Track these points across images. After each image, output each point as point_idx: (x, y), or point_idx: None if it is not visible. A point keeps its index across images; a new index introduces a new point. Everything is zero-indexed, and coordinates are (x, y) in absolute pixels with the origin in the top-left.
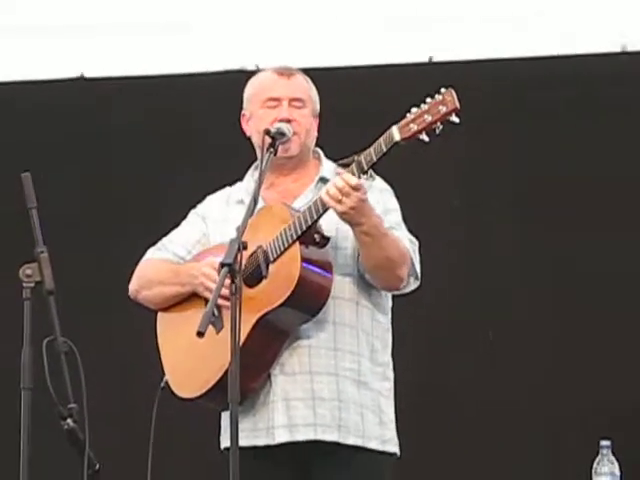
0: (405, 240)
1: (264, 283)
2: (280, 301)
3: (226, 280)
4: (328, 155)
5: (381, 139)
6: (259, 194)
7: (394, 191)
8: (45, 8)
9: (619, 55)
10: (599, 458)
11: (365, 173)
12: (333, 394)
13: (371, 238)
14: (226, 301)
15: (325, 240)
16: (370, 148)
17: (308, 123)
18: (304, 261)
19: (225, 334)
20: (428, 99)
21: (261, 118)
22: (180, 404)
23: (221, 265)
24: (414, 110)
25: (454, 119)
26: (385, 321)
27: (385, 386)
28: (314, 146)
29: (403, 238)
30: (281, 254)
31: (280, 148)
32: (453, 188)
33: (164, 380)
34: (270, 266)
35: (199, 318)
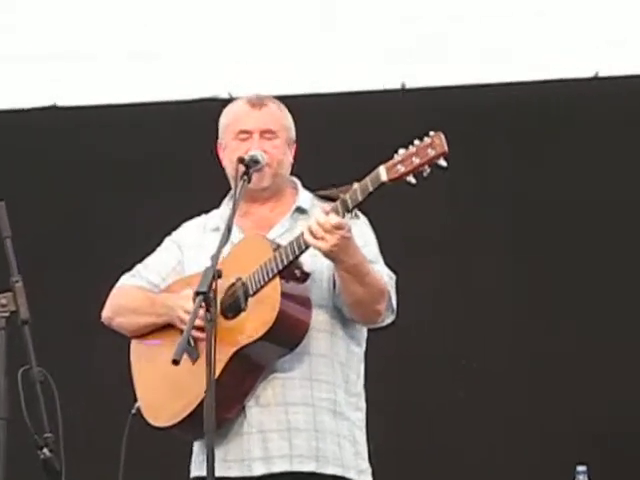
0: (384, 274)
1: (242, 316)
2: (259, 335)
3: (200, 310)
4: (303, 183)
5: (368, 179)
6: (233, 222)
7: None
8: (17, 37)
9: (591, 80)
10: None
11: (350, 212)
12: (309, 425)
13: (353, 276)
14: (201, 332)
15: (305, 275)
16: (356, 186)
17: (280, 153)
18: (284, 296)
19: (200, 364)
20: (416, 141)
21: (233, 150)
22: (151, 431)
23: (196, 294)
24: (402, 151)
25: (442, 163)
26: (359, 351)
27: (358, 416)
28: (290, 174)
29: (382, 272)
30: (261, 288)
31: (254, 177)
32: (432, 216)
33: (135, 406)
34: (249, 299)
35: (174, 348)
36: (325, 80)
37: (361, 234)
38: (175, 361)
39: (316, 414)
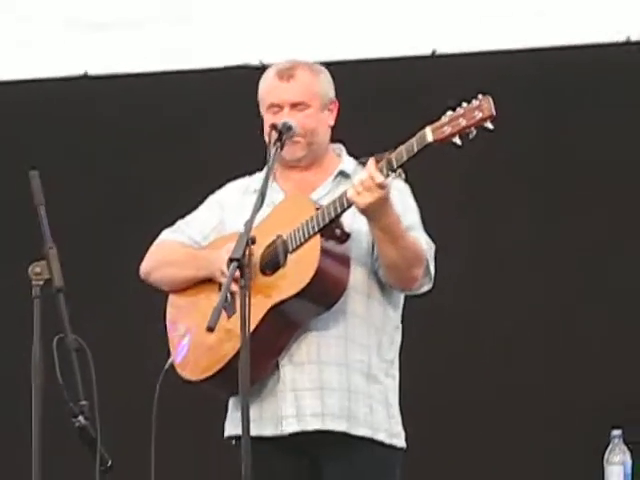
0: (422, 241)
1: (280, 272)
2: (296, 291)
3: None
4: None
5: (413, 139)
6: (267, 189)
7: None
8: (47, 6)
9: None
10: (610, 447)
11: (394, 171)
12: (342, 384)
13: (387, 236)
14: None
15: (345, 236)
16: (402, 147)
17: (313, 122)
18: (323, 254)
19: (236, 320)
20: (464, 103)
21: (267, 122)
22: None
23: (230, 260)
24: (449, 113)
25: (489, 126)
26: (395, 318)
27: (390, 382)
28: (331, 139)
29: (420, 239)
30: (300, 245)
31: (288, 149)
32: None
33: (168, 362)
34: (288, 256)
35: (211, 302)
36: (356, 47)
37: (402, 201)
38: (210, 328)
39: (349, 375)
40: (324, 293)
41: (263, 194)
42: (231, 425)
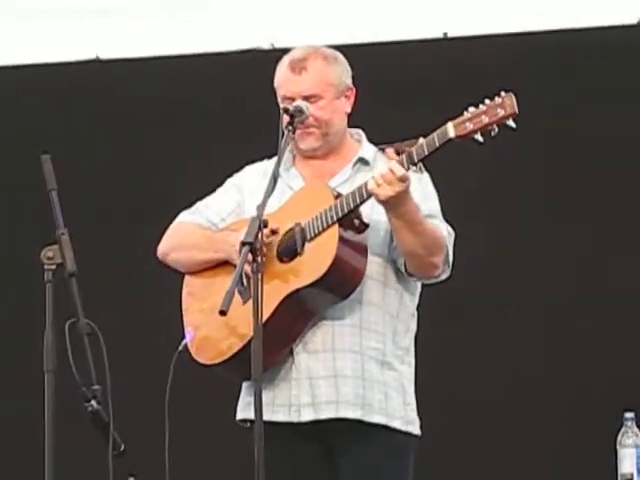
0: (442, 228)
1: (298, 260)
2: (313, 279)
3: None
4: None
5: (435, 134)
6: (278, 172)
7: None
8: None
9: (634, 27)
10: (623, 430)
11: (415, 165)
12: (357, 372)
13: (405, 223)
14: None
15: (364, 226)
16: (423, 141)
17: (327, 113)
18: (341, 243)
19: (251, 305)
20: (487, 100)
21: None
22: (197, 373)
23: (242, 244)
24: (471, 109)
25: (511, 124)
26: (411, 306)
27: (406, 369)
28: (348, 125)
29: (440, 226)
30: (319, 234)
31: (302, 140)
32: (472, 171)
33: (182, 344)
34: (306, 244)
35: (227, 285)
36: (366, 30)
37: (421, 189)
38: (222, 312)
39: (364, 362)
40: (341, 282)
41: (275, 178)
42: (243, 409)
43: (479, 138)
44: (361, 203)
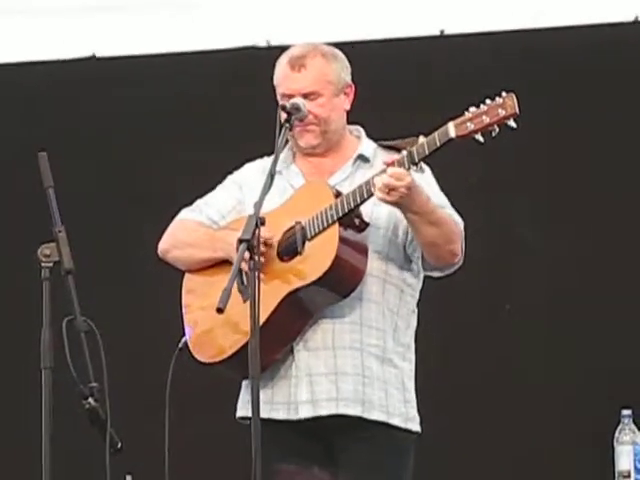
0: (456, 216)
1: (298, 259)
2: (313, 278)
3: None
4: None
5: (436, 133)
6: (275, 170)
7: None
8: None
9: (632, 24)
10: (620, 427)
11: (415, 165)
12: (357, 369)
13: (421, 217)
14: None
15: (364, 225)
16: (424, 140)
17: (326, 111)
18: (341, 243)
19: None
20: (487, 100)
21: None
22: (197, 370)
23: (239, 241)
24: (472, 109)
25: (512, 124)
26: (411, 302)
27: (407, 366)
28: (347, 122)
29: (454, 215)
30: (319, 233)
31: (301, 138)
32: (470, 165)
33: (182, 341)
34: (306, 243)
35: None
36: (363, 27)
37: (426, 184)
38: (219, 309)
39: (364, 359)
40: (341, 281)
41: (272, 176)
42: (243, 407)
43: (480, 138)
44: (362, 202)
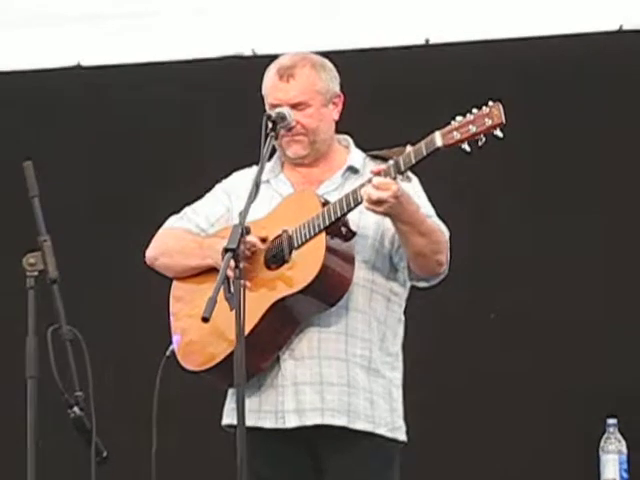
0: (442, 226)
1: (285, 267)
2: (300, 287)
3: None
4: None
5: (422, 143)
6: (260, 180)
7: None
8: None
9: (615, 34)
10: (606, 436)
11: (402, 174)
12: (342, 379)
13: (411, 227)
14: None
15: (351, 234)
16: (410, 150)
17: (315, 121)
18: (328, 252)
19: None
20: (474, 110)
21: None
22: (183, 378)
23: (225, 250)
24: (459, 118)
25: (498, 134)
26: (398, 310)
27: (395, 375)
28: (335, 132)
29: (439, 224)
30: (306, 241)
31: (289, 148)
32: (451, 170)
33: (170, 349)
34: (293, 252)
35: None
36: (348, 36)
37: (414, 192)
38: (205, 319)
39: (349, 369)
40: (328, 290)
41: (257, 185)
42: (228, 414)
43: (466, 147)
44: (348, 211)
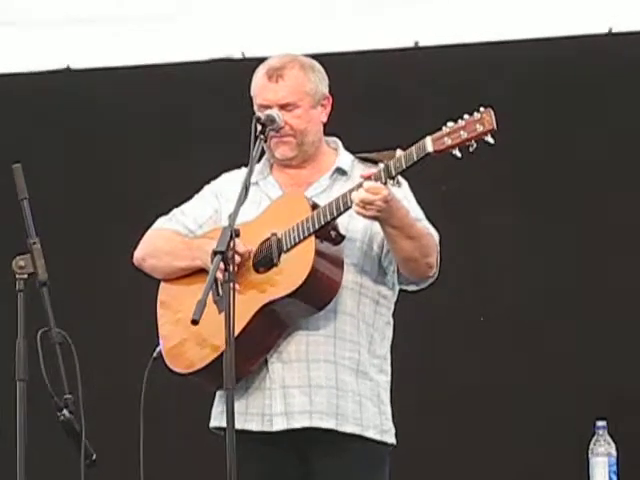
0: (431, 229)
1: (274, 271)
2: (289, 291)
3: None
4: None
5: (413, 148)
6: (250, 182)
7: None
8: (30, 1)
9: (605, 37)
10: (595, 438)
11: (392, 179)
12: (330, 382)
13: (400, 231)
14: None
15: (340, 237)
16: (401, 154)
17: (303, 123)
18: (317, 255)
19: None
20: (466, 115)
21: None
22: (171, 381)
23: (214, 253)
24: (450, 124)
25: (489, 140)
26: (387, 313)
27: (383, 378)
28: (323, 134)
29: (428, 227)
30: (295, 245)
31: (277, 150)
32: (442, 175)
33: (157, 350)
34: (282, 255)
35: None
36: (337, 39)
37: (403, 196)
38: (194, 321)
39: (338, 372)
40: (317, 294)
41: (247, 187)
42: (216, 417)
43: (457, 154)
44: (338, 215)
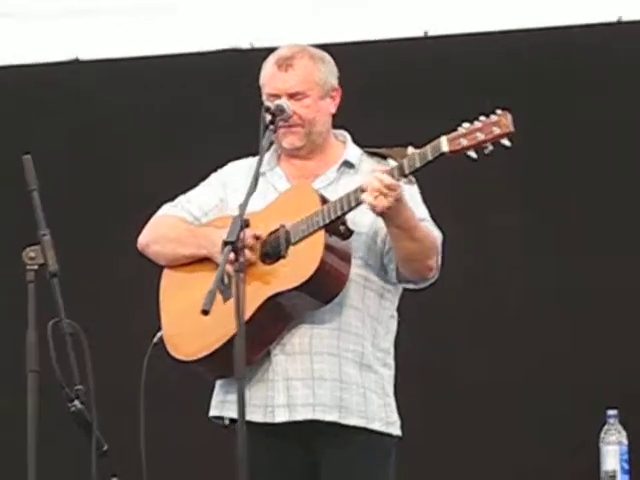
0: (435, 231)
1: (281, 262)
2: (296, 283)
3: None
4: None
5: (428, 147)
6: (259, 173)
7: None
8: None
9: (614, 25)
10: (606, 427)
11: (405, 177)
12: (334, 374)
13: (404, 232)
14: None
15: (349, 232)
16: (415, 153)
17: (312, 112)
18: (327, 249)
19: (231, 304)
20: (482, 117)
21: None
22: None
23: (224, 243)
24: (466, 125)
25: (505, 142)
26: (391, 307)
27: (386, 372)
28: (332, 126)
29: (432, 229)
30: (304, 238)
31: (285, 139)
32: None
33: (158, 336)
34: (290, 247)
35: (206, 282)
36: (346, 29)
37: (410, 196)
38: (205, 311)
39: (341, 364)
40: (324, 288)
41: (256, 178)
42: (216, 406)
43: (473, 155)
44: (349, 211)
